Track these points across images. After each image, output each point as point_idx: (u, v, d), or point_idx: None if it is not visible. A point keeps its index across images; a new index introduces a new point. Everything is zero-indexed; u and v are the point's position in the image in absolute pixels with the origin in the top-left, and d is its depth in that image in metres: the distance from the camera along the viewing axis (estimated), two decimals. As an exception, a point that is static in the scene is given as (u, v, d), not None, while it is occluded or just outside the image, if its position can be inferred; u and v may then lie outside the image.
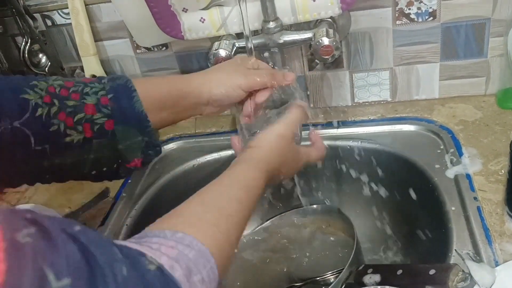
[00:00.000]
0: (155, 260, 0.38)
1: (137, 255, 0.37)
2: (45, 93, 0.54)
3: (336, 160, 0.92)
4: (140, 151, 0.60)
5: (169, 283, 0.37)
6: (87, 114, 0.56)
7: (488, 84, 0.92)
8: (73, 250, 0.31)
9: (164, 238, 0.41)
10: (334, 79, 0.96)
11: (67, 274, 0.28)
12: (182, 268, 0.39)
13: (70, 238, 0.32)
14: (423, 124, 0.90)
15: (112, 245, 0.36)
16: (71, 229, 0.33)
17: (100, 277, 0.31)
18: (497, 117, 0.87)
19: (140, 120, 0.58)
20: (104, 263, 0.32)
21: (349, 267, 0.70)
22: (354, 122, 0.94)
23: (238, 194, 0.52)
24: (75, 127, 0.55)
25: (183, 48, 0.97)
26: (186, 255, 0.40)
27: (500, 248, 0.64)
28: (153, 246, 0.40)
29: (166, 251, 0.39)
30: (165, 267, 0.38)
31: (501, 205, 0.70)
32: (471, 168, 0.77)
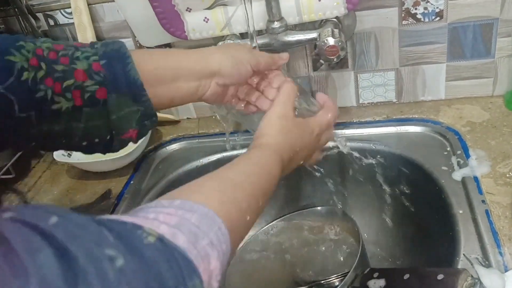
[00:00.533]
0: (154, 231, 0.34)
1: (132, 229, 0.33)
2: (32, 55, 0.49)
3: (341, 161, 0.91)
4: (135, 122, 0.54)
5: (173, 253, 0.33)
6: (77, 81, 0.51)
7: (496, 85, 0.90)
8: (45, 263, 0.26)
9: (161, 207, 0.38)
10: (338, 79, 0.95)
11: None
12: (185, 234, 0.35)
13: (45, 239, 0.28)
14: (429, 125, 0.89)
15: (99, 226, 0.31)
16: (45, 224, 0.29)
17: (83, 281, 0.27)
18: (505, 118, 0.86)
19: (135, 89, 0.53)
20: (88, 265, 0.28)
21: (354, 271, 0.69)
22: (359, 123, 0.93)
23: (250, 170, 0.50)
24: (63, 94, 0.50)
25: (187, 47, 0.95)
26: (188, 220, 0.37)
27: (509, 253, 0.62)
28: (149, 216, 0.36)
29: (164, 219, 0.36)
30: (166, 236, 0.34)
31: (509, 208, 0.68)
32: (479, 170, 0.76)
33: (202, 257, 0.35)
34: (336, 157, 0.90)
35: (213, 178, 0.47)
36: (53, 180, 0.94)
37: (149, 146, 0.98)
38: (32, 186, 0.94)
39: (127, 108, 0.53)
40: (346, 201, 0.95)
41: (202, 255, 0.35)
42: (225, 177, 0.47)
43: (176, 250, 0.34)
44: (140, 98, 0.54)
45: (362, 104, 0.97)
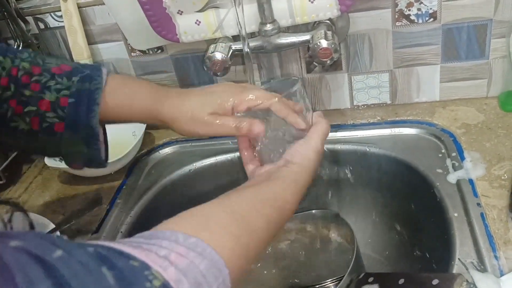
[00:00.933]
0: (160, 275, 0.34)
1: (139, 269, 0.33)
2: (6, 74, 0.54)
3: (336, 165, 0.90)
4: (82, 161, 0.60)
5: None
6: (40, 109, 0.55)
7: (490, 86, 0.90)
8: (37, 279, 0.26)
9: (175, 242, 0.38)
10: (332, 81, 0.94)
11: None
12: (190, 283, 0.35)
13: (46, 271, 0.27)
14: (424, 127, 0.88)
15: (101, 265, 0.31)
16: (49, 256, 0.29)
17: None
18: (500, 120, 0.86)
19: (91, 137, 0.57)
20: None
21: (349, 275, 0.68)
22: (353, 126, 0.92)
23: (269, 213, 0.48)
24: (22, 117, 0.54)
25: (179, 51, 0.95)
26: (197, 266, 0.37)
27: (505, 257, 0.62)
28: (161, 252, 0.36)
29: (175, 260, 0.36)
30: (171, 283, 0.34)
31: (505, 211, 0.68)
32: (474, 172, 0.75)
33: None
34: (330, 160, 0.90)
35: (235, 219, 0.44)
36: (45, 186, 0.93)
37: (141, 150, 0.97)
38: (23, 192, 0.92)
39: (77, 148, 0.58)
40: (341, 204, 0.94)
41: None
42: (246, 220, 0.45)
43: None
44: (92, 145, 0.58)
45: (356, 106, 0.96)
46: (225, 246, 0.40)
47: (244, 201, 0.48)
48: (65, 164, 0.62)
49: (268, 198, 0.50)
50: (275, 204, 0.50)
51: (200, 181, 0.93)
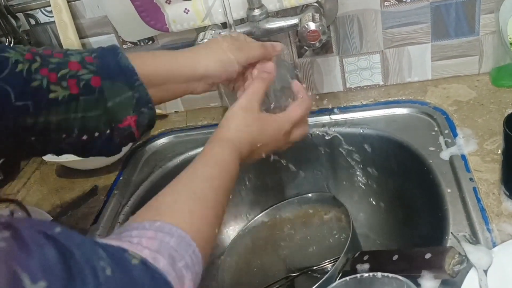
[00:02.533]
0: (138, 254, 0.38)
1: (120, 252, 0.37)
2: (27, 52, 0.52)
3: (330, 147, 0.90)
4: (131, 108, 0.55)
5: (155, 275, 0.37)
6: (72, 70, 0.53)
7: (482, 62, 0.90)
8: (49, 253, 0.30)
9: (143, 229, 0.41)
10: (324, 65, 0.94)
11: (42, 277, 0.27)
12: (165, 258, 0.39)
13: (49, 239, 0.31)
14: (417, 106, 0.88)
15: (95, 244, 0.35)
16: (51, 231, 0.32)
17: (79, 279, 0.30)
18: (492, 95, 0.86)
19: (128, 74, 0.54)
20: (84, 263, 0.31)
21: (346, 255, 0.69)
22: (347, 108, 0.93)
23: (210, 174, 0.51)
24: (59, 82, 0.52)
25: (170, 40, 0.95)
26: (167, 243, 0.40)
27: (497, 229, 0.62)
28: (133, 240, 0.40)
29: (147, 244, 0.40)
30: (148, 259, 0.38)
31: (497, 185, 0.68)
32: (466, 148, 0.75)
33: (178, 278, 0.39)
34: (324, 143, 0.90)
35: (183, 196, 0.48)
36: (43, 180, 0.94)
37: (137, 142, 0.98)
38: (21, 187, 0.93)
39: (122, 94, 0.54)
40: (337, 186, 0.94)
41: (178, 276, 0.39)
42: (193, 192, 0.49)
43: (157, 273, 0.38)
44: (133, 83, 0.55)
45: (349, 88, 0.96)
46: (186, 222, 0.44)
47: (187, 176, 0.52)
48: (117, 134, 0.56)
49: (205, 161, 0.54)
50: (212, 164, 0.53)
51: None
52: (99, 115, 0.54)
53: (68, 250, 0.31)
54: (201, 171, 0.52)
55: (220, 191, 0.51)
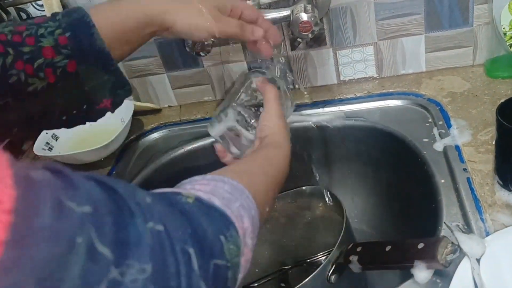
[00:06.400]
0: (191, 194, 0.38)
1: (171, 194, 0.37)
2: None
3: (324, 140, 0.90)
4: (108, 91, 0.55)
5: (211, 210, 0.38)
6: (47, 58, 0.51)
7: (476, 54, 0.89)
8: (93, 188, 0.29)
9: (195, 181, 0.42)
10: (318, 57, 0.93)
11: (87, 203, 0.27)
12: (219, 198, 0.39)
13: (91, 179, 0.31)
14: (411, 98, 0.88)
15: (137, 188, 0.35)
16: (89, 175, 0.31)
17: (126, 208, 0.30)
18: (486, 87, 0.85)
19: (103, 58, 0.53)
20: (127, 196, 0.31)
21: (339, 247, 0.68)
22: (341, 101, 0.92)
23: (264, 164, 0.53)
24: (36, 74, 0.50)
25: (162, 34, 0.94)
26: (221, 187, 0.41)
27: (491, 218, 0.62)
28: (186, 187, 0.41)
29: (200, 188, 0.40)
30: (203, 196, 0.38)
31: (491, 175, 0.68)
32: (460, 139, 0.75)
33: (236, 216, 0.39)
34: (319, 135, 0.89)
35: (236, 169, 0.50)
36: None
37: (130, 136, 0.97)
38: None
39: (98, 78, 0.54)
40: (331, 179, 0.94)
41: (235, 214, 0.39)
42: (246, 170, 0.50)
43: (213, 207, 0.38)
44: (109, 68, 0.54)
45: (343, 81, 0.96)
46: (241, 179, 0.44)
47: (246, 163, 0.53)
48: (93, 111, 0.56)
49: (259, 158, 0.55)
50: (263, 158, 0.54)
51: (190, 164, 0.93)
52: (76, 98, 0.54)
53: (111, 188, 0.31)
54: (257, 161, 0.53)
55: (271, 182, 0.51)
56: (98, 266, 0.26)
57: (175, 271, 0.31)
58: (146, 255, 0.29)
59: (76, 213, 0.26)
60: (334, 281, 0.67)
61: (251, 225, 0.40)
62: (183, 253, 0.32)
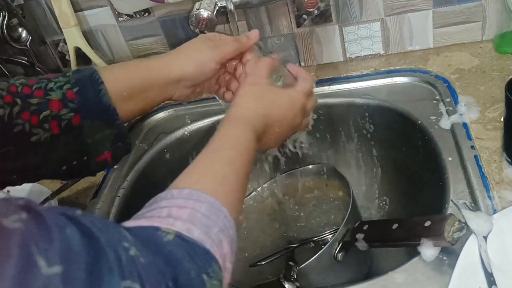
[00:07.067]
0: (171, 229, 0.37)
1: (151, 231, 0.37)
2: (6, 93, 0.51)
3: (330, 118, 0.89)
4: (109, 144, 0.57)
5: (191, 246, 0.37)
6: (53, 111, 0.52)
7: (485, 29, 0.88)
8: (71, 235, 0.28)
9: (171, 198, 0.41)
10: (323, 34, 0.92)
11: (59, 261, 0.26)
12: (198, 227, 0.39)
13: (71, 221, 0.30)
14: (418, 75, 0.87)
15: (119, 227, 0.34)
16: (72, 213, 0.31)
17: (104, 261, 0.29)
18: (495, 63, 0.84)
19: (109, 114, 0.55)
20: (107, 245, 0.30)
21: (345, 225, 0.69)
22: (347, 78, 0.91)
23: (230, 157, 0.50)
24: (41, 125, 0.52)
25: (166, 12, 0.93)
26: (198, 211, 0.40)
27: (498, 196, 0.62)
28: (163, 212, 0.40)
29: (177, 214, 0.39)
30: (183, 232, 0.38)
31: (499, 152, 0.67)
32: (468, 116, 0.74)
33: (216, 244, 0.39)
34: (324, 114, 0.89)
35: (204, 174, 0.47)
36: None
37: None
38: None
39: (101, 132, 0.55)
40: (337, 158, 0.94)
41: (216, 242, 0.39)
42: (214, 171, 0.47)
43: (194, 244, 0.37)
44: (113, 122, 0.56)
45: (350, 58, 0.95)
46: (215, 189, 0.43)
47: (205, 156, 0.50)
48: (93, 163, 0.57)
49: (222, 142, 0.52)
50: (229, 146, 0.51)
51: (196, 143, 0.93)
52: (77, 150, 0.55)
53: (91, 233, 0.30)
54: (221, 153, 0.50)
55: (241, 174, 0.49)
56: None
57: None
58: None
59: (44, 275, 0.25)
60: (340, 259, 0.68)
61: (230, 248, 0.41)
62: None
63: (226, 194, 0.44)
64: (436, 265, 0.56)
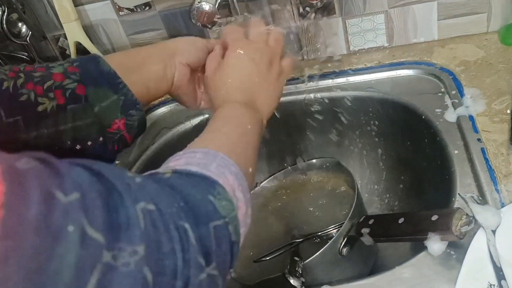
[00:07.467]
0: (168, 169, 0.39)
1: (150, 175, 0.38)
2: (9, 71, 0.53)
3: (335, 112, 0.89)
4: (119, 111, 0.56)
5: (190, 176, 0.39)
6: (56, 81, 0.54)
7: (490, 20, 0.87)
8: (79, 173, 0.29)
9: (167, 162, 0.43)
10: (326, 27, 0.91)
11: (75, 190, 0.27)
12: (195, 165, 0.40)
13: (75, 164, 0.31)
14: (423, 67, 0.86)
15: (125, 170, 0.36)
16: (73, 160, 0.31)
17: (114, 191, 0.30)
18: (501, 54, 0.83)
19: (111, 79, 0.56)
20: (114, 178, 0.31)
21: (350, 220, 0.68)
22: (351, 71, 0.90)
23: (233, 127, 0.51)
24: (46, 94, 0.53)
25: (167, 6, 0.92)
26: (193, 157, 0.42)
27: (506, 189, 0.61)
28: (160, 169, 0.41)
29: (174, 163, 0.41)
30: (178, 169, 0.39)
31: (506, 145, 0.66)
32: (474, 109, 0.73)
33: (217, 174, 0.40)
34: (328, 107, 0.88)
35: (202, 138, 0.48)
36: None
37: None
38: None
39: (107, 99, 0.55)
40: (342, 152, 0.93)
41: (216, 173, 0.40)
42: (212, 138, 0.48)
43: (192, 174, 0.39)
44: (117, 86, 0.56)
45: (353, 51, 0.94)
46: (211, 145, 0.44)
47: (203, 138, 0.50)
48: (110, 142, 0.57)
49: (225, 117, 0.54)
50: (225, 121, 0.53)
51: (198, 138, 0.92)
52: (88, 123, 0.55)
53: (98, 172, 0.31)
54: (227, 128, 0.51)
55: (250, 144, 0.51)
56: (91, 251, 0.26)
57: (170, 249, 0.31)
58: (137, 237, 0.29)
59: (65, 202, 0.26)
60: (345, 253, 0.67)
61: (236, 180, 0.41)
62: (177, 230, 0.32)
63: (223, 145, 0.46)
64: (443, 260, 0.55)
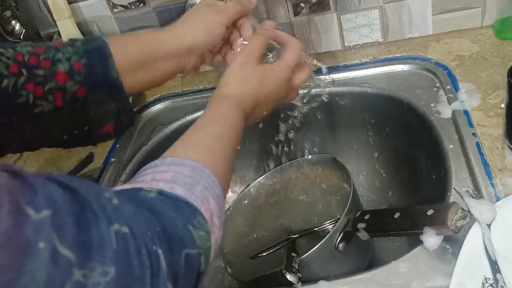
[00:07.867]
0: (153, 188, 0.38)
1: (133, 191, 0.38)
2: (12, 62, 0.50)
3: (330, 108, 0.88)
4: (112, 117, 0.56)
5: (175, 201, 0.38)
6: (59, 83, 0.52)
7: (485, 15, 0.87)
8: (53, 189, 0.29)
9: (155, 167, 0.42)
10: (321, 23, 0.91)
11: (46, 207, 0.27)
12: (181, 185, 0.39)
13: (49, 179, 0.30)
14: (418, 62, 0.86)
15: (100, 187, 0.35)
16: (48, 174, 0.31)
17: (89, 210, 0.30)
18: (495, 49, 0.83)
19: (115, 88, 0.54)
20: (89, 197, 0.31)
21: (346, 215, 0.68)
22: (346, 67, 0.90)
23: (218, 130, 0.50)
24: (45, 97, 0.51)
25: (161, 3, 0.92)
26: (181, 173, 0.41)
27: (501, 183, 0.61)
28: (147, 178, 0.41)
29: (161, 177, 0.40)
30: (165, 189, 0.38)
31: (501, 139, 0.66)
32: (469, 103, 0.73)
33: (200, 199, 0.40)
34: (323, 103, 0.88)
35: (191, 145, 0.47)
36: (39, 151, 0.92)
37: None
38: (18, 159, 0.92)
39: (105, 105, 0.55)
40: (337, 147, 0.93)
41: (200, 198, 0.40)
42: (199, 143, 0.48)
43: (177, 198, 0.38)
44: (118, 96, 0.55)
45: (348, 47, 0.94)
46: (201, 158, 0.44)
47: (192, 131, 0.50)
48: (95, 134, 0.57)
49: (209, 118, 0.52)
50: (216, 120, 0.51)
51: (194, 135, 0.92)
52: (80, 122, 0.55)
53: (73, 190, 0.30)
54: (209, 127, 0.50)
55: (228, 147, 0.49)
56: (62, 269, 0.26)
57: (140, 274, 0.31)
58: (109, 258, 0.29)
59: (36, 218, 0.26)
60: (342, 249, 0.67)
61: (217, 205, 0.41)
62: (149, 254, 0.32)
63: (214, 163, 0.45)
64: (439, 254, 0.55)
